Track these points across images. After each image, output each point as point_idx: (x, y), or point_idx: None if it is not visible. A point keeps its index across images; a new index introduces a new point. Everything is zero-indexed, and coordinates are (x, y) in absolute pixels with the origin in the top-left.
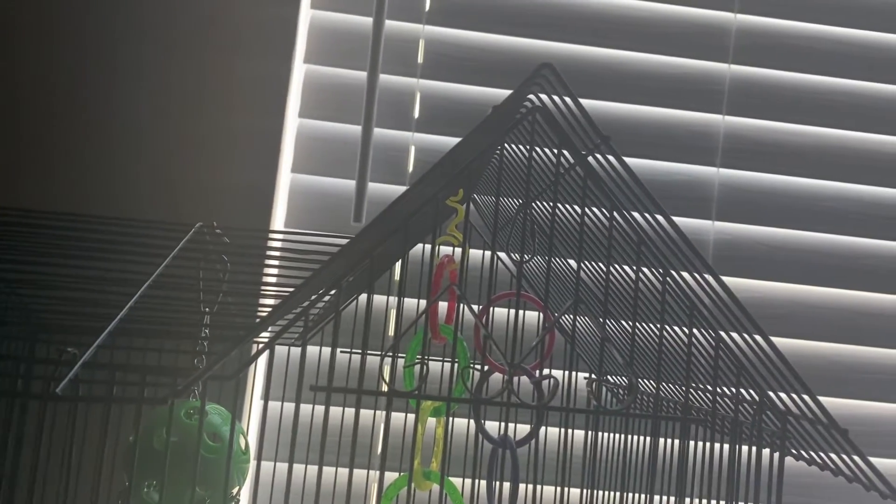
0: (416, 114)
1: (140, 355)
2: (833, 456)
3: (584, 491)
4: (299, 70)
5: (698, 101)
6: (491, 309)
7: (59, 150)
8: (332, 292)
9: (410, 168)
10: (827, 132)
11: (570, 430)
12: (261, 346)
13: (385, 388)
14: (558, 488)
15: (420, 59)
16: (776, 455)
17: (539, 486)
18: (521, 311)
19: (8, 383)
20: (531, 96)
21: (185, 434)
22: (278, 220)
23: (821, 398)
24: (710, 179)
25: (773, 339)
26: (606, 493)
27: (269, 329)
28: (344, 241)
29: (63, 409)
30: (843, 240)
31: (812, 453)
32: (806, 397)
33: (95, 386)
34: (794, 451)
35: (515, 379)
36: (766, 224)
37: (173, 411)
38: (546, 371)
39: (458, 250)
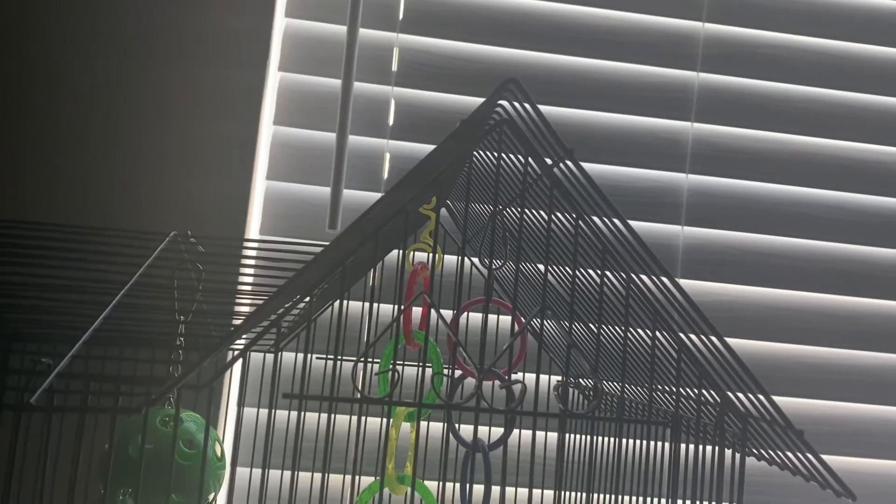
0: (391, 121)
1: (115, 365)
2: (791, 456)
3: (555, 493)
4: (274, 78)
5: (667, 108)
6: (466, 313)
7: (32, 159)
8: (306, 300)
9: (385, 175)
10: (794, 139)
11: (539, 433)
12: (235, 353)
13: (358, 395)
14: (529, 490)
15: (394, 67)
16: (738, 456)
17: (514, 489)
18: (492, 316)
19: None
20: (499, 108)
21: (160, 441)
22: (253, 227)
23: (788, 398)
24: (680, 185)
25: (741, 341)
26: (576, 493)
27: (244, 337)
28: (318, 249)
29: (38, 418)
30: (809, 244)
31: (771, 453)
32: (763, 399)
33: (70, 396)
34: (754, 452)
35: (488, 383)
36: (734, 229)
37: (148, 419)
38: (517, 375)
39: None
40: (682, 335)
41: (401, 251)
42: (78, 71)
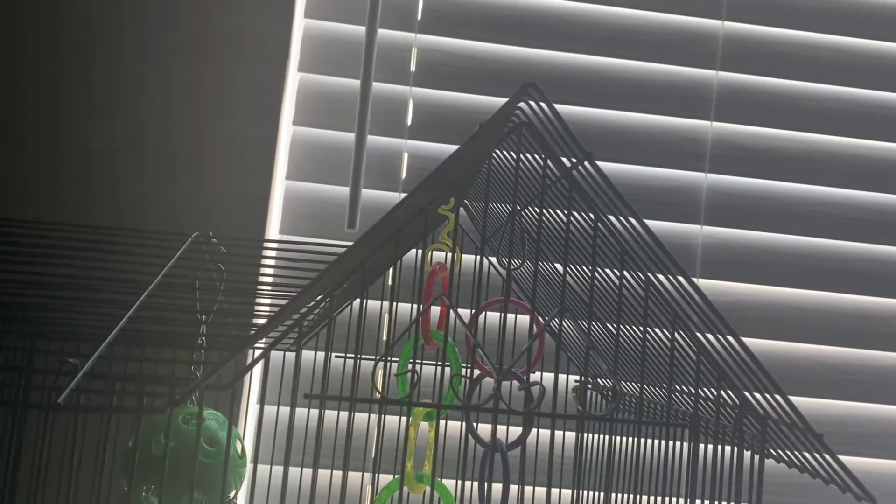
0: (409, 121)
1: (137, 364)
2: (810, 458)
3: (573, 492)
4: (293, 78)
5: (687, 107)
6: (484, 313)
7: (56, 159)
8: (327, 300)
9: (403, 175)
10: (813, 137)
11: (558, 433)
12: (256, 353)
13: (377, 395)
14: (547, 490)
15: (412, 68)
16: (756, 457)
17: (531, 488)
18: (510, 317)
19: (9, 393)
20: (518, 111)
21: (182, 439)
22: (273, 226)
23: (807, 399)
24: (699, 184)
25: (760, 341)
26: (594, 493)
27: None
28: (337, 249)
29: (61, 418)
30: (829, 243)
31: (791, 455)
32: (783, 402)
33: (95, 395)
34: (773, 454)
35: (506, 383)
36: (753, 228)
37: (171, 419)
38: (535, 376)
39: (450, 257)
40: (700, 336)
41: (420, 251)
42: (99, 71)
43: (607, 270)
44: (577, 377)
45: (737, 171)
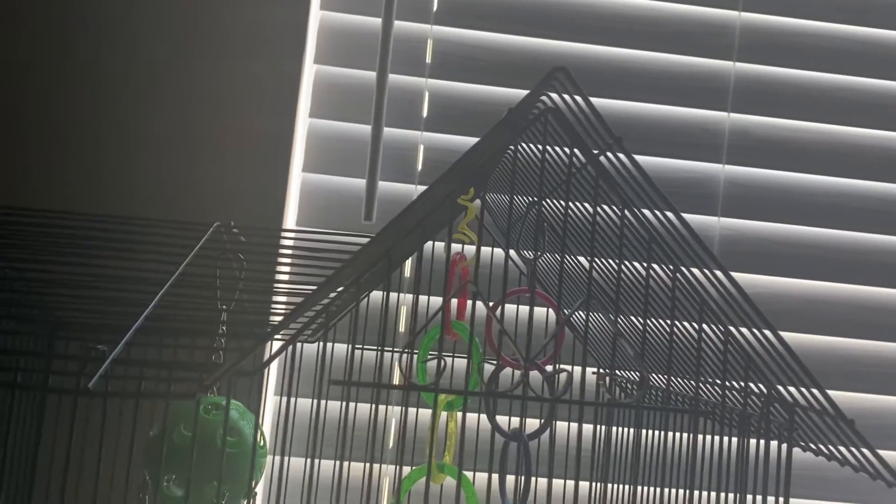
0: (425, 113)
1: (157, 351)
2: (840, 447)
3: (597, 484)
4: (310, 70)
5: (703, 98)
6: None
7: (77, 151)
8: (352, 290)
9: (419, 167)
10: (831, 128)
11: (581, 424)
12: (276, 344)
13: (403, 381)
14: (570, 481)
15: (428, 59)
16: (784, 446)
17: (548, 479)
18: (524, 307)
19: (34, 379)
20: (544, 98)
21: (202, 429)
22: (290, 218)
23: (828, 391)
24: (716, 176)
25: (780, 333)
26: (618, 485)
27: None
28: (355, 240)
29: (80, 405)
30: (847, 235)
31: (819, 445)
32: (814, 389)
33: (116, 381)
34: (801, 443)
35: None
36: (770, 220)
37: (195, 407)
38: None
39: (468, 247)
40: (729, 326)
41: (444, 242)
42: (116, 63)
43: (627, 259)
44: (594, 369)
45: (754, 163)
